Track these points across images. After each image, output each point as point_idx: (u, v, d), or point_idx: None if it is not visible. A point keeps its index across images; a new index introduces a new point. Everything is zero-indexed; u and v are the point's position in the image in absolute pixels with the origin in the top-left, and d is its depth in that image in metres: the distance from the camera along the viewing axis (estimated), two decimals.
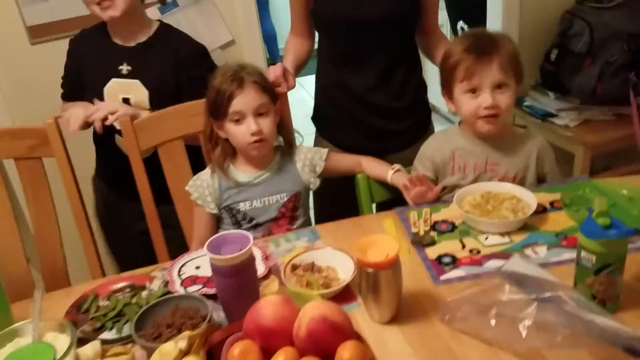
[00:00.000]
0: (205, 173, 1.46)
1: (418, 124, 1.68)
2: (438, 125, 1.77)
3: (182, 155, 1.58)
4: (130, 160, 1.54)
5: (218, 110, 1.37)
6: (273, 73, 1.47)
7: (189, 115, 1.54)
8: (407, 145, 1.64)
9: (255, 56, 2.29)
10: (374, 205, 1.63)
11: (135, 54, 1.62)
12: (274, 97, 1.43)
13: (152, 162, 1.57)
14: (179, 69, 1.62)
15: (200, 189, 1.45)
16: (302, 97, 1.73)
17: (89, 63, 1.66)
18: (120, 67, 1.62)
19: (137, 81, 1.61)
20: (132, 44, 1.63)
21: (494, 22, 2.58)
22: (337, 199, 1.64)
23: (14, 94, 2.09)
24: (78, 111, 1.54)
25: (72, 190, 1.54)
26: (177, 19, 2.09)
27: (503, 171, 1.42)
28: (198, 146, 1.52)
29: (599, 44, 2.27)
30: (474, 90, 1.36)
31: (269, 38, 5.15)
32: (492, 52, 1.34)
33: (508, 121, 1.44)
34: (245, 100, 1.35)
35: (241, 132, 1.37)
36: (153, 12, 2.06)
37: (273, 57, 5.16)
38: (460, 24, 3.12)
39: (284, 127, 1.51)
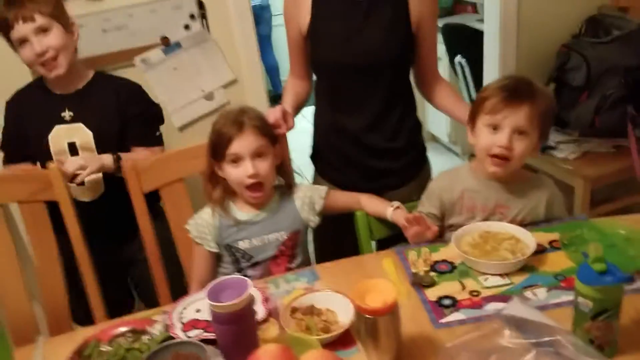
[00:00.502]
0: (206, 212, 1.48)
1: (413, 163, 1.70)
2: (437, 155, 1.80)
3: (183, 196, 1.61)
4: (133, 203, 1.56)
5: (218, 152, 1.41)
6: (273, 115, 1.49)
7: (191, 158, 1.58)
8: (403, 184, 1.66)
9: (257, 93, 2.33)
10: (373, 243, 1.64)
11: (76, 100, 1.67)
12: (274, 140, 1.46)
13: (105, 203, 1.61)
14: (122, 108, 1.68)
15: (200, 228, 1.46)
16: (304, 127, 1.75)
17: (30, 117, 1.68)
18: (63, 114, 1.66)
19: (80, 124, 1.65)
20: (72, 91, 1.68)
21: (491, 56, 2.63)
22: (336, 236, 1.65)
23: None
24: None
25: (76, 233, 1.56)
26: (181, 60, 2.14)
27: (512, 215, 1.42)
28: None
29: (596, 77, 2.30)
30: (495, 127, 1.37)
31: (272, 70, 5.23)
32: (524, 98, 1.34)
33: (519, 166, 1.44)
34: (243, 143, 1.38)
35: (238, 174, 1.39)
36: (157, 54, 2.11)
37: (275, 88, 5.23)
38: (458, 58, 3.17)
39: (283, 168, 1.54)
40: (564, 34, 2.48)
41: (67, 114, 1.65)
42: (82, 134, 1.65)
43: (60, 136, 1.64)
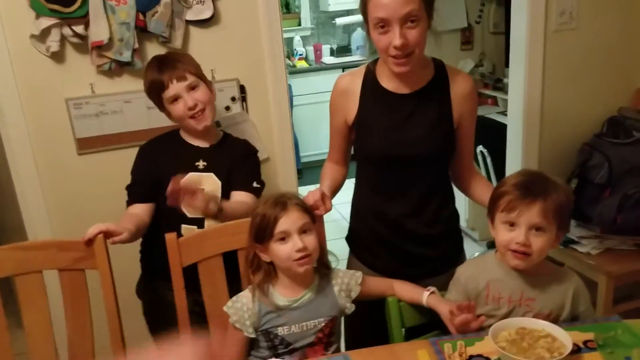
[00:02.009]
0: (246, 296, 1.49)
1: (450, 252, 1.74)
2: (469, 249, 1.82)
3: (220, 272, 1.64)
4: (172, 277, 1.59)
5: (264, 233, 1.43)
6: (312, 197, 1.54)
7: (230, 234, 1.63)
8: (438, 272, 1.68)
9: (287, 172, 2.41)
10: (403, 330, 1.64)
11: (210, 153, 1.84)
12: (314, 219, 1.50)
13: None
14: (240, 162, 1.87)
15: (240, 312, 1.46)
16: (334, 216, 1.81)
17: (164, 162, 1.81)
18: (197, 163, 1.82)
19: (211, 174, 1.82)
20: (207, 145, 1.85)
21: (514, 149, 2.70)
22: (366, 321, 1.66)
23: (56, 202, 2.19)
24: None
25: (111, 303, 1.58)
26: None
27: (538, 307, 1.44)
28: None
29: (618, 176, 2.36)
30: (511, 224, 1.40)
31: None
32: (538, 195, 1.37)
33: (543, 258, 1.47)
34: (290, 220, 1.42)
35: (287, 250, 1.42)
36: None
37: (296, 164, 5.34)
38: (480, 147, 3.26)
39: (320, 249, 1.57)
40: (585, 132, 2.56)
41: (200, 164, 1.81)
42: (212, 182, 1.80)
43: (192, 182, 1.75)
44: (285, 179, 2.40)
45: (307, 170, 5.22)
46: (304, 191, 1.62)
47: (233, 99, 2.24)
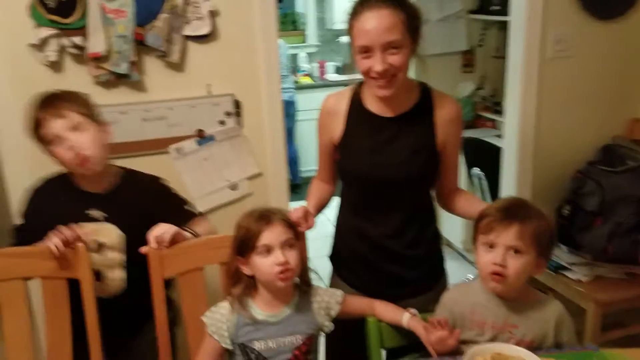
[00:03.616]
0: (224, 307, 1.50)
1: (431, 272, 1.74)
2: (451, 261, 1.83)
3: (200, 285, 1.64)
4: (153, 288, 1.60)
5: (246, 246, 1.44)
6: (295, 214, 1.55)
7: (213, 248, 1.64)
8: (419, 293, 1.69)
9: (279, 187, 2.41)
10: (383, 352, 1.64)
11: (105, 200, 1.67)
12: (297, 235, 1.51)
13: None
14: (151, 209, 1.68)
15: (219, 323, 1.47)
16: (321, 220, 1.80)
17: (51, 212, 1.65)
18: (90, 212, 1.65)
19: (112, 226, 1.65)
20: (100, 190, 1.69)
21: (509, 173, 2.71)
22: (346, 341, 1.66)
23: None
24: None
25: (92, 312, 1.59)
26: (212, 151, 2.26)
27: (520, 334, 1.43)
28: None
29: (610, 205, 2.36)
30: (490, 245, 1.42)
31: (292, 161, 5.40)
32: (516, 218, 1.39)
33: (526, 285, 1.47)
34: (273, 234, 1.43)
35: (268, 264, 1.42)
36: (191, 145, 2.24)
37: (294, 178, 5.38)
38: (475, 170, 3.27)
39: (302, 266, 1.57)
40: (579, 159, 2.56)
41: (98, 214, 1.66)
42: (112, 234, 1.65)
43: (86, 233, 1.61)
44: (277, 195, 2.42)
45: (306, 186, 5.22)
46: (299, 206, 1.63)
47: (228, 113, 2.26)
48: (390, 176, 1.60)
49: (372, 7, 1.46)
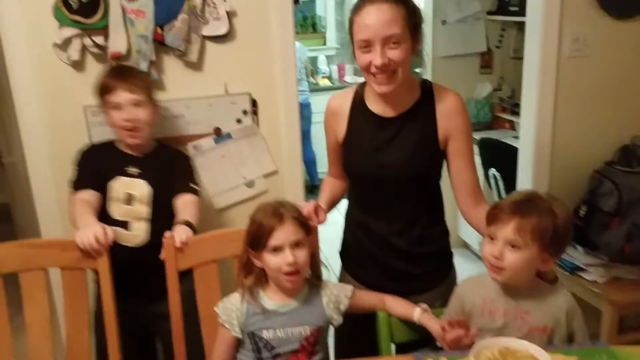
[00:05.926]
0: (235, 297, 1.53)
1: (438, 269, 1.75)
2: (467, 262, 1.83)
3: (214, 278, 1.68)
4: (167, 281, 1.64)
5: (258, 242, 1.48)
6: (306, 209, 1.58)
7: (228, 241, 1.67)
8: (427, 289, 1.70)
9: (295, 186, 2.44)
10: (393, 346, 1.66)
11: (142, 162, 1.93)
12: (308, 231, 1.54)
13: None
14: (175, 171, 1.97)
15: (229, 312, 1.51)
16: (336, 219, 1.82)
17: (98, 163, 1.93)
18: (127, 169, 1.90)
19: (143, 181, 1.89)
20: (139, 154, 1.95)
21: (525, 174, 2.69)
22: (356, 334, 1.68)
23: None
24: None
25: (109, 303, 1.63)
26: (229, 149, 2.30)
27: (533, 320, 1.45)
28: None
29: (627, 205, 2.34)
30: (492, 237, 1.44)
31: (309, 163, 5.43)
32: (517, 213, 1.40)
33: (535, 278, 1.47)
34: (284, 234, 1.46)
35: (277, 262, 1.46)
36: (208, 142, 2.28)
37: (312, 180, 5.40)
38: (492, 171, 3.26)
39: (313, 259, 1.60)
40: (597, 159, 2.54)
41: (134, 170, 1.90)
42: (142, 188, 1.88)
43: (121, 185, 1.87)
44: (292, 192, 2.44)
45: None
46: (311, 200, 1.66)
47: (245, 112, 2.30)
48: (389, 175, 1.62)
49: (373, 1, 1.48)
